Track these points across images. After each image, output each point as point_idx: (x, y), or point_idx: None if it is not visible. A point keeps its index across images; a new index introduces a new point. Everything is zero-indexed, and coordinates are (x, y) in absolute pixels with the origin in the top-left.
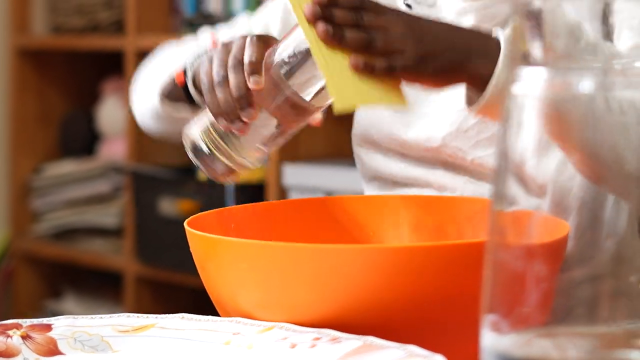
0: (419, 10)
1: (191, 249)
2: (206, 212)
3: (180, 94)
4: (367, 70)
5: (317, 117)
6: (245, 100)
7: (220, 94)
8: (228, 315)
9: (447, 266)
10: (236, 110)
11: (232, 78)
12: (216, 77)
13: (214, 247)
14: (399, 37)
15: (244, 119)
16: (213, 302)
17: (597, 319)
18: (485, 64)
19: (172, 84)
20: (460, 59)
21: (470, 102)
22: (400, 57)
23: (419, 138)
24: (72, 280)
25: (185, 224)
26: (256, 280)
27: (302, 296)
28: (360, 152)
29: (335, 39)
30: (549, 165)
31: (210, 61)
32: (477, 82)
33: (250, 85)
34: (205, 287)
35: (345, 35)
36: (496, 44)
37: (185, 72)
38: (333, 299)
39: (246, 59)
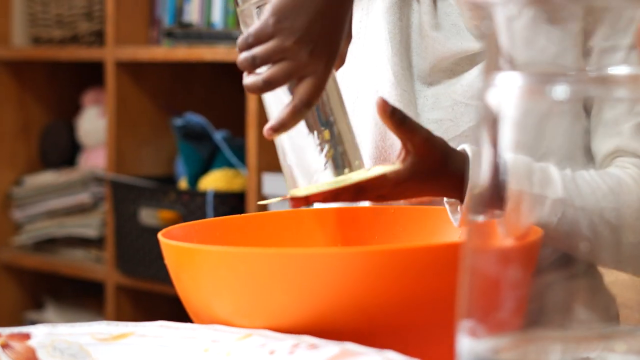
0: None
1: (166, 261)
2: (180, 224)
3: None
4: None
5: None
6: None
7: None
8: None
9: (424, 268)
10: None
11: None
12: None
13: (189, 256)
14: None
15: None
16: (189, 312)
17: (571, 323)
18: (455, 178)
19: None
20: (430, 184)
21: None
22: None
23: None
24: (53, 291)
25: (159, 235)
26: (232, 287)
27: (279, 302)
28: None
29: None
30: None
31: None
32: (451, 194)
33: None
34: (181, 298)
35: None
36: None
37: None
38: (310, 304)
39: None
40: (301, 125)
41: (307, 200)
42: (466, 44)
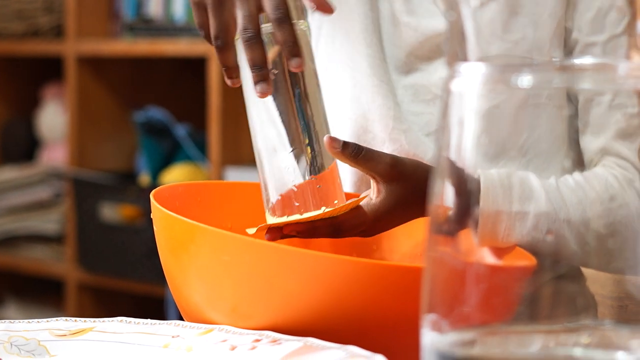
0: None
1: (156, 227)
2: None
3: None
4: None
5: None
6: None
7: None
8: (181, 301)
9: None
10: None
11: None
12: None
13: (190, 234)
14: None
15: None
16: (174, 295)
17: (538, 317)
18: None
19: None
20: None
21: None
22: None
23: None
24: (13, 288)
25: (152, 196)
26: (209, 273)
27: (244, 298)
28: None
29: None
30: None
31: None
32: None
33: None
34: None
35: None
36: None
37: None
38: (274, 302)
39: None
40: (279, 130)
41: (282, 232)
42: (440, 26)
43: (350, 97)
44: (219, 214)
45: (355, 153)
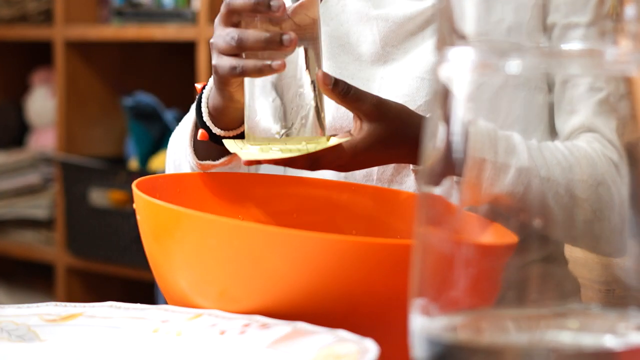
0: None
1: (140, 216)
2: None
3: (210, 151)
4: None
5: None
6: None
7: (250, 36)
8: (167, 288)
9: (386, 263)
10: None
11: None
12: (233, 32)
13: (175, 220)
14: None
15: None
16: (158, 281)
17: (526, 302)
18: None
19: (200, 144)
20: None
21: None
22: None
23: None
24: (2, 273)
25: (134, 186)
26: (196, 258)
27: (232, 282)
28: None
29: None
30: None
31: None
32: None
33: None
34: (148, 258)
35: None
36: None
37: (199, 123)
38: (262, 285)
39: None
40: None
41: (259, 160)
42: (409, 11)
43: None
44: (199, 203)
45: (344, 91)
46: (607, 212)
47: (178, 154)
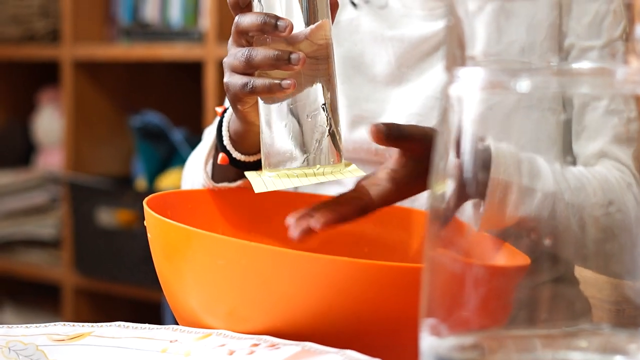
0: (366, 11)
1: (151, 234)
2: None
3: (226, 174)
4: None
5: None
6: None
7: (258, 54)
8: (177, 307)
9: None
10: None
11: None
12: (245, 51)
13: (186, 239)
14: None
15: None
16: (168, 299)
17: (537, 322)
18: None
19: (218, 168)
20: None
21: None
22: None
23: (365, 139)
24: (10, 293)
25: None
26: (206, 277)
27: (241, 301)
28: None
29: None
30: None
31: (232, 57)
32: None
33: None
34: (159, 277)
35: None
36: None
37: (219, 147)
38: (270, 305)
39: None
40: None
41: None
42: (424, 32)
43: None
44: (210, 220)
45: (398, 135)
46: (619, 232)
47: (195, 177)
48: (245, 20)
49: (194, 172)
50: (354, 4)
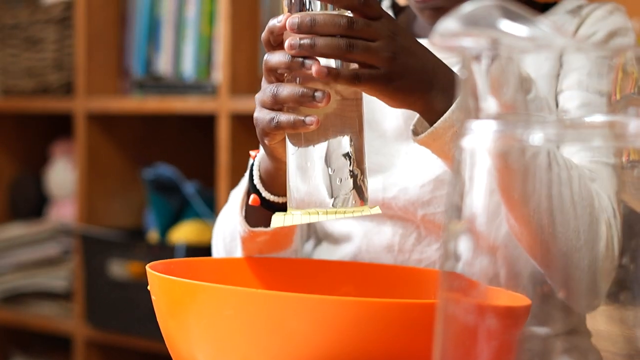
0: None
1: (155, 296)
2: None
3: (260, 217)
4: (331, 76)
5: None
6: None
7: (284, 90)
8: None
9: (405, 324)
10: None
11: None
12: (274, 87)
13: (191, 294)
14: (378, 49)
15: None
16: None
17: None
18: (443, 98)
19: (251, 211)
20: (422, 87)
21: (416, 130)
22: (370, 69)
23: (374, 190)
24: (21, 345)
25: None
26: (213, 330)
27: (251, 350)
28: None
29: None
30: (501, 228)
31: (262, 96)
32: (431, 114)
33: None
34: (164, 335)
35: (316, 43)
36: (456, 81)
37: (251, 188)
38: (281, 351)
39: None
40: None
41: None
42: None
43: None
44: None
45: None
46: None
47: (228, 228)
48: (273, 58)
49: (227, 224)
50: None
